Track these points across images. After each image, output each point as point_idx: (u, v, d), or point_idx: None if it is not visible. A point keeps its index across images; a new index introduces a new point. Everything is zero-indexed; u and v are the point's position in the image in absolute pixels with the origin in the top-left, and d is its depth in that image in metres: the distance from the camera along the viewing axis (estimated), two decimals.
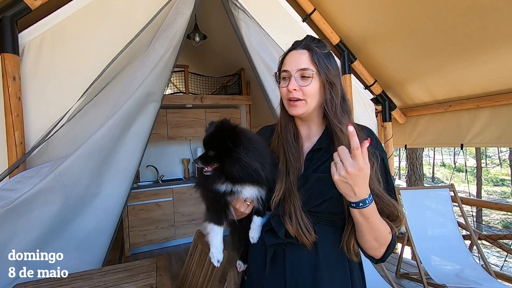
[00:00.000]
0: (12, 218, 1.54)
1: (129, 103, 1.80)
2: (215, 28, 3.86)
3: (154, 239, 3.80)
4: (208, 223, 0.87)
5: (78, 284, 1.34)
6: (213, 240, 0.86)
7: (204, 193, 0.87)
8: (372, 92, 3.11)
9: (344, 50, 2.85)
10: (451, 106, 2.75)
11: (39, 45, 1.78)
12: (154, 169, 4.34)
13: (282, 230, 0.80)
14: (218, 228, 0.86)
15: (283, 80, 0.88)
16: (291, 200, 0.80)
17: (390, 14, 2.33)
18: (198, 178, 0.90)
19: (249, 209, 0.86)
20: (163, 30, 1.97)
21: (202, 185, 0.87)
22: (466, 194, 7.91)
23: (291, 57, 0.87)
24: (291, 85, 0.83)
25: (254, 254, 0.89)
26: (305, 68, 0.82)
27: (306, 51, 0.85)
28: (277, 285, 0.81)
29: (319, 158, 0.85)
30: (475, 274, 2.20)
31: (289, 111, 0.87)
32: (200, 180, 0.87)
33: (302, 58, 0.84)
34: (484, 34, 2.03)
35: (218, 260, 0.86)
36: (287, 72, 0.85)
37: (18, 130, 1.68)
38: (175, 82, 5.25)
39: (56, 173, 1.60)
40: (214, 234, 0.85)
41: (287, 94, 0.85)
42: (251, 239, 0.87)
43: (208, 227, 0.87)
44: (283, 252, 0.82)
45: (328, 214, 0.80)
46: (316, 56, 0.84)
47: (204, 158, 0.80)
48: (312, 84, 0.83)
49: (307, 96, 0.83)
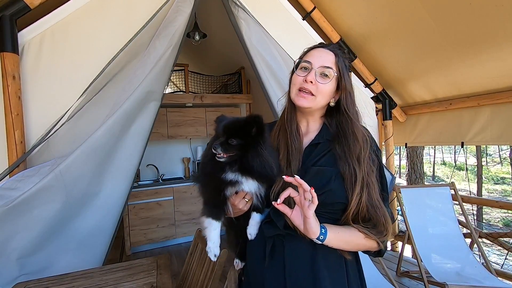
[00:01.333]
0: (13, 217, 1.54)
1: (129, 102, 1.80)
2: (215, 27, 3.85)
3: (154, 238, 3.80)
4: (205, 218, 0.85)
5: (79, 282, 1.34)
6: (210, 235, 0.85)
7: (205, 186, 0.86)
8: (372, 91, 3.11)
9: (345, 48, 2.84)
10: (452, 104, 2.74)
11: (38, 44, 1.78)
12: (155, 168, 4.34)
13: (281, 221, 0.81)
14: (216, 223, 0.85)
15: (301, 69, 0.89)
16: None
17: (391, 12, 2.32)
18: (202, 169, 0.88)
19: (247, 206, 0.86)
20: (163, 29, 1.96)
21: (206, 175, 0.85)
22: (466, 192, 7.91)
23: (317, 52, 0.89)
24: (310, 76, 0.85)
25: (253, 248, 0.89)
26: (328, 66, 0.86)
27: (333, 54, 0.88)
28: (277, 277, 0.82)
29: (317, 152, 0.87)
30: (475, 272, 2.20)
31: (296, 101, 0.88)
32: (205, 169, 0.85)
33: (328, 57, 0.87)
34: (485, 32, 2.02)
35: (215, 254, 0.86)
36: (310, 63, 0.87)
37: (18, 129, 1.68)
38: (175, 81, 5.24)
39: (56, 172, 1.60)
40: (212, 229, 0.85)
41: (301, 83, 0.86)
42: (249, 235, 0.87)
43: (205, 221, 0.85)
44: (282, 244, 0.83)
45: (326, 206, 0.82)
46: (341, 63, 0.88)
47: (225, 145, 0.78)
48: (329, 84, 0.86)
49: (319, 93, 0.86)
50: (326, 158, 0.86)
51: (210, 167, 0.82)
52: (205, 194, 0.87)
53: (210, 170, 0.83)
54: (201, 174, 0.88)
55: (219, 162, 0.79)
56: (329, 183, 0.80)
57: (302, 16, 2.64)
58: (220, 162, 0.79)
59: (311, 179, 0.82)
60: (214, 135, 0.85)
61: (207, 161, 0.83)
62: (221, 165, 0.80)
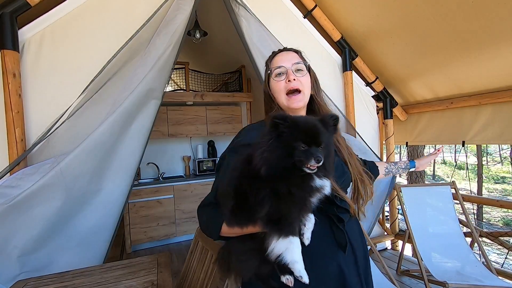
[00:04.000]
0: (14, 215, 1.54)
1: (129, 100, 1.80)
2: (216, 25, 3.84)
3: (155, 236, 3.81)
4: (284, 238, 0.67)
5: (80, 280, 1.34)
6: (296, 256, 0.68)
7: (286, 204, 0.67)
8: (373, 89, 3.10)
9: (346, 46, 2.84)
10: (453, 103, 2.73)
11: (39, 41, 1.78)
12: (155, 167, 4.34)
13: (347, 205, 0.85)
14: (297, 240, 0.69)
15: (278, 76, 0.94)
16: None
17: (392, 10, 2.32)
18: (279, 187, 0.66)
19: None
20: (164, 27, 1.96)
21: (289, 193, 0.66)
22: (467, 191, 7.90)
23: (281, 56, 0.97)
24: (291, 75, 0.91)
25: (316, 243, 0.77)
26: (299, 62, 0.94)
27: (293, 52, 0.97)
28: (351, 258, 0.83)
29: None
30: (476, 271, 2.19)
31: (291, 105, 0.92)
32: (284, 186, 0.66)
33: (292, 55, 0.96)
34: (487, 31, 2.01)
35: (307, 276, 0.69)
36: (283, 67, 0.93)
37: (18, 127, 1.68)
38: (176, 79, 5.23)
39: (57, 170, 1.61)
40: (295, 248, 0.68)
41: (286, 86, 0.91)
42: (306, 240, 0.74)
43: (282, 243, 0.67)
44: (342, 229, 0.82)
45: (346, 188, 0.93)
46: (303, 57, 0.98)
47: (322, 154, 0.66)
48: (306, 76, 0.94)
49: (304, 87, 0.92)
50: None
51: (295, 182, 0.67)
52: (281, 208, 0.67)
53: (296, 185, 0.67)
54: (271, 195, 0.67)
55: (304, 173, 0.67)
56: (344, 169, 0.90)
57: (303, 14, 2.64)
58: (305, 173, 0.67)
59: (336, 165, 0.88)
60: (274, 136, 0.68)
61: (284, 177, 0.66)
62: (306, 176, 0.68)
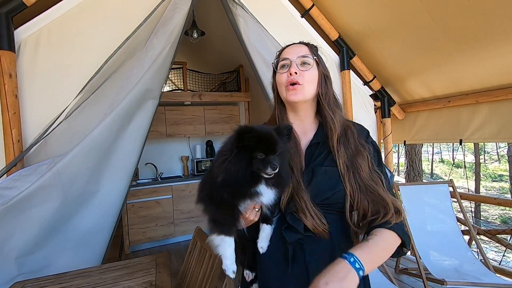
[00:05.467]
0: (11, 216, 1.53)
1: (127, 100, 1.79)
2: (213, 25, 3.83)
3: (153, 237, 3.80)
4: (217, 235, 0.80)
5: (78, 281, 1.33)
6: (226, 252, 0.80)
7: (217, 204, 0.79)
8: (371, 88, 3.10)
9: (343, 46, 2.84)
10: (450, 101, 2.74)
11: (35, 42, 1.76)
12: (153, 167, 4.33)
13: (301, 226, 0.80)
14: (230, 239, 0.80)
15: (282, 68, 0.91)
16: (299, 196, 0.81)
17: (390, 9, 2.32)
18: (225, 186, 0.75)
19: (258, 215, 0.84)
20: (161, 26, 1.95)
21: (228, 193, 0.75)
22: (464, 189, 7.93)
23: (290, 48, 0.92)
24: (293, 68, 0.87)
25: (270, 256, 0.86)
26: (305, 55, 0.88)
27: (305, 45, 0.92)
28: (300, 281, 0.81)
29: (319, 152, 0.87)
30: (474, 269, 2.21)
31: (288, 97, 0.89)
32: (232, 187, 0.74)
33: (302, 48, 0.91)
34: (484, 29, 2.02)
35: (233, 271, 0.81)
36: (287, 59, 0.89)
37: (15, 128, 1.66)
38: (174, 79, 5.22)
39: (54, 171, 1.60)
40: (226, 246, 0.80)
41: (287, 79, 0.88)
42: (260, 249, 0.83)
43: (216, 239, 0.80)
44: (302, 247, 0.82)
45: (338, 204, 0.82)
46: (314, 51, 0.92)
47: (277, 161, 0.72)
48: (311, 71, 0.88)
49: (306, 81, 0.87)
50: (330, 157, 0.85)
51: (245, 182, 0.74)
52: (215, 212, 0.81)
53: (242, 185, 0.74)
54: (216, 194, 0.77)
55: (257, 176, 0.73)
56: (338, 182, 0.81)
57: (301, 13, 2.63)
58: (257, 178, 0.74)
59: (321, 180, 0.82)
60: (235, 146, 0.73)
61: (242, 179, 0.73)
62: (256, 181, 0.74)
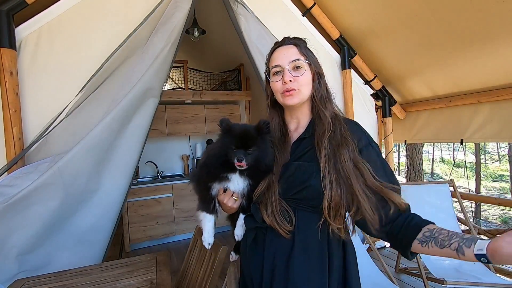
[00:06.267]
0: (11, 214, 1.53)
1: (128, 98, 1.79)
2: (214, 23, 3.82)
3: (154, 235, 3.80)
4: (200, 212, 0.95)
5: (78, 279, 1.33)
6: (205, 226, 0.95)
7: (198, 184, 0.93)
8: (372, 88, 3.10)
9: (344, 45, 2.83)
10: (452, 101, 2.74)
11: (36, 39, 1.76)
12: (154, 165, 4.33)
13: (259, 216, 0.84)
14: (210, 216, 0.94)
15: (274, 75, 0.90)
16: (269, 191, 0.84)
17: (391, 8, 2.31)
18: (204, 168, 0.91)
19: (237, 204, 0.90)
20: (162, 25, 1.95)
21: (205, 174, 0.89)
22: (465, 189, 7.92)
23: (279, 52, 0.90)
24: (286, 76, 0.85)
25: (243, 240, 0.96)
26: (297, 59, 0.86)
27: (293, 46, 0.89)
28: (257, 266, 0.87)
29: (302, 147, 0.88)
30: (474, 268, 2.20)
31: (285, 102, 0.89)
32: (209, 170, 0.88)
33: (291, 51, 0.88)
34: (486, 29, 2.01)
35: (209, 243, 0.95)
36: (279, 66, 0.87)
37: (16, 125, 1.67)
38: (174, 78, 5.22)
39: (55, 169, 1.60)
40: (206, 221, 0.94)
41: (282, 87, 0.87)
42: (236, 236, 0.94)
43: (200, 215, 0.95)
44: (264, 236, 0.87)
45: (308, 201, 0.82)
46: (304, 50, 0.89)
47: (247, 156, 0.81)
48: (305, 74, 0.87)
49: (301, 86, 0.86)
50: (310, 152, 0.85)
51: (217, 167, 0.86)
52: (197, 190, 0.95)
53: (215, 168, 0.87)
54: (198, 173, 0.94)
55: (231, 164, 0.83)
56: (310, 178, 0.80)
57: (302, 12, 2.63)
58: (232, 166, 0.83)
59: (292, 175, 0.83)
60: (220, 138, 0.87)
61: (214, 163, 0.86)
62: (232, 167, 0.83)
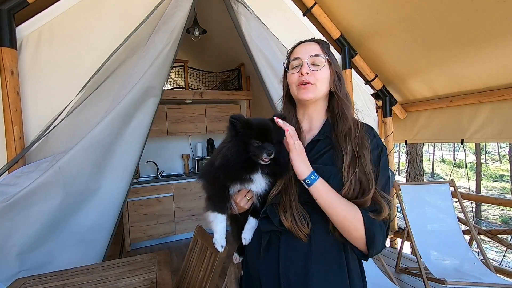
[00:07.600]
0: (12, 213, 1.54)
1: (128, 97, 1.79)
2: (215, 23, 3.82)
3: (154, 234, 3.81)
4: (211, 212, 0.87)
5: (79, 278, 1.34)
6: (217, 227, 0.87)
7: (211, 183, 0.86)
8: (372, 87, 3.09)
9: (345, 44, 2.83)
10: (452, 101, 2.73)
11: (37, 39, 1.76)
12: (154, 165, 4.34)
13: (277, 219, 0.81)
14: (222, 217, 0.87)
15: (293, 68, 0.91)
16: (287, 193, 0.82)
17: (392, 8, 2.31)
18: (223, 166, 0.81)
19: (249, 204, 0.87)
20: (162, 24, 1.95)
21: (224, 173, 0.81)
22: (465, 189, 7.91)
23: (301, 47, 0.92)
24: (304, 68, 0.86)
25: (251, 242, 0.90)
26: (317, 54, 0.88)
27: (316, 43, 0.91)
28: (271, 271, 0.82)
29: (317, 150, 0.87)
30: (474, 269, 2.20)
31: (299, 96, 0.89)
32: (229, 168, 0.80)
33: (313, 47, 0.90)
34: (487, 29, 2.01)
35: (222, 245, 0.88)
36: (299, 58, 0.89)
37: (17, 125, 1.67)
38: (175, 77, 5.23)
39: (55, 168, 1.60)
40: (218, 222, 0.87)
41: (298, 79, 0.88)
42: (243, 240, 0.88)
43: (211, 215, 0.87)
44: (278, 239, 0.83)
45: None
46: (326, 49, 0.91)
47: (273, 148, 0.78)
48: (323, 70, 0.87)
49: (318, 81, 0.87)
50: (327, 156, 0.85)
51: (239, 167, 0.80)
52: (210, 190, 0.88)
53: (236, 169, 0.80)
54: (212, 173, 0.83)
55: (253, 163, 0.79)
56: (328, 181, 0.79)
57: (303, 11, 2.62)
58: (254, 163, 0.80)
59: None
60: (235, 136, 0.80)
61: (235, 163, 0.79)
62: (253, 166, 0.80)
